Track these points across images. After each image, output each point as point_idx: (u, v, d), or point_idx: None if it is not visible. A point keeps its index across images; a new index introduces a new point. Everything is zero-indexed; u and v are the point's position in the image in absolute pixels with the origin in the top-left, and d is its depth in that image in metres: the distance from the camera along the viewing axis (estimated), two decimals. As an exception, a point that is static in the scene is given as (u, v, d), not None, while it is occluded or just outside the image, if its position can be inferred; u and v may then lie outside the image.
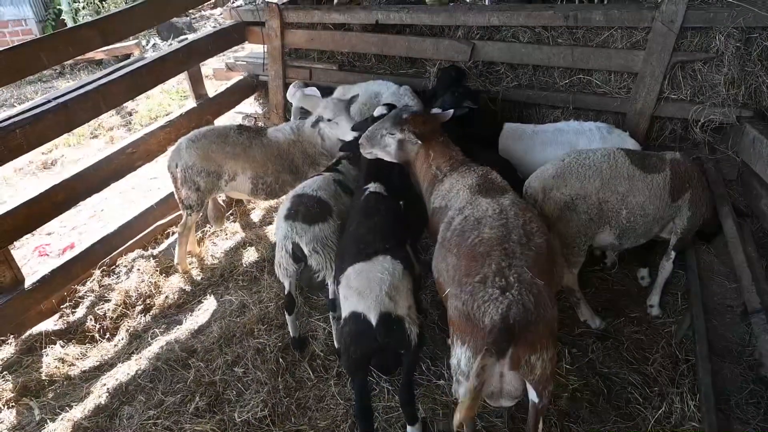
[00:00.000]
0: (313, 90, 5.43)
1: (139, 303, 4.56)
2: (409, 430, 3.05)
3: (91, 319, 4.39)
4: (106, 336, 4.34)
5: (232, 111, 6.87)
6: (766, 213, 3.99)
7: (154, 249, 5.23)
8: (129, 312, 4.49)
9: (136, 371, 3.86)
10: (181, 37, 11.35)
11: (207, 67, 8.67)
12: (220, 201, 5.37)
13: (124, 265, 4.92)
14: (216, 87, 7.03)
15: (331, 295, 3.60)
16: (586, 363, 3.52)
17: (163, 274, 4.89)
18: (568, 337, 3.70)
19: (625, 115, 4.85)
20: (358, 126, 4.24)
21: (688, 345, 3.52)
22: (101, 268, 4.86)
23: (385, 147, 3.46)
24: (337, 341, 3.74)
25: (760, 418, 2.95)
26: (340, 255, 3.18)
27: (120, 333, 4.34)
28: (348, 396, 3.45)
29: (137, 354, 4.05)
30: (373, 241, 2.99)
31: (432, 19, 5.44)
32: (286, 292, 3.67)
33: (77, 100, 4.50)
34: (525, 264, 2.52)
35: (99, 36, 4.75)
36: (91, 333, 4.33)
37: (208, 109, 6.14)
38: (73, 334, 4.35)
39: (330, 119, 4.35)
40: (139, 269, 4.82)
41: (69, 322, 4.45)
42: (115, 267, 4.95)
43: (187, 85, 6.16)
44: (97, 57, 10.87)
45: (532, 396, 2.55)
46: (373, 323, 2.67)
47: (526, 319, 2.36)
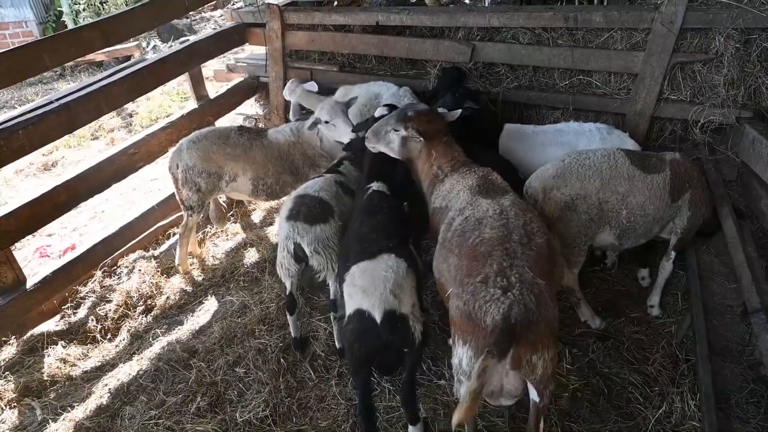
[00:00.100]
0: (312, 85, 5.44)
1: (141, 303, 4.56)
2: (411, 430, 3.06)
3: (93, 320, 4.39)
4: (108, 336, 4.34)
5: (233, 112, 6.88)
6: (765, 213, 4.00)
7: (155, 250, 5.23)
8: (130, 312, 4.50)
9: (138, 371, 3.86)
10: (182, 39, 11.36)
11: (208, 69, 8.69)
12: (220, 202, 5.38)
13: (125, 266, 4.93)
14: (217, 88, 7.04)
15: (332, 296, 3.61)
16: (587, 363, 3.53)
17: (164, 275, 4.90)
18: (568, 337, 3.71)
19: (624, 116, 4.86)
20: (359, 127, 4.26)
21: (688, 345, 3.53)
22: (102, 269, 4.87)
23: (389, 143, 3.48)
24: (338, 341, 3.74)
25: (761, 417, 2.96)
26: (344, 254, 3.20)
27: (121, 333, 4.35)
28: (349, 396, 3.46)
29: (139, 354, 4.06)
30: (377, 239, 3.00)
31: (432, 20, 5.46)
32: (288, 292, 3.68)
33: (79, 101, 4.51)
34: (526, 264, 2.54)
35: (100, 37, 4.76)
36: (93, 333, 4.33)
37: (209, 110, 6.16)
38: (75, 334, 4.36)
39: (327, 121, 4.37)
40: (140, 270, 4.82)
41: (70, 323, 4.45)
42: (116, 268, 4.95)
43: (187, 86, 6.19)
44: (97, 59, 10.88)
45: (534, 395, 2.55)
46: (378, 321, 2.68)
47: (528, 319, 2.37)
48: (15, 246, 4.39)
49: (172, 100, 9.11)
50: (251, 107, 7.24)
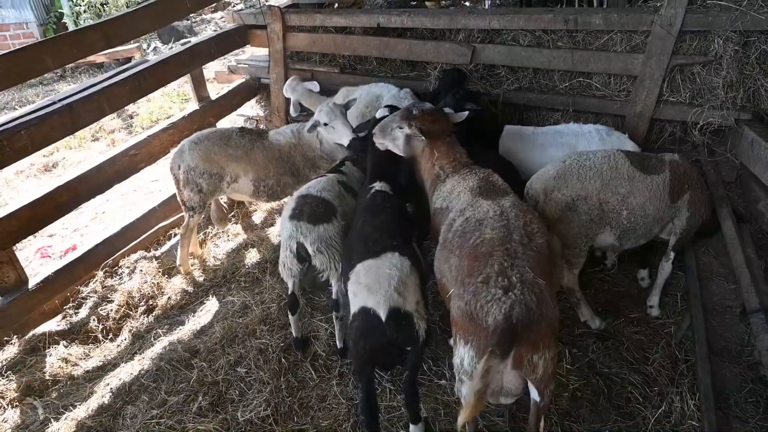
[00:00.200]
0: (314, 85, 5.46)
1: (142, 304, 4.58)
2: (412, 429, 3.07)
3: (94, 320, 4.41)
4: (109, 336, 4.36)
5: (234, 113, 6.90)
6: (764, 214, 4.02)
7: (157, 250, 5.25)
8: (132, 313, 4.51)
9: (140, 371, 3.88)
10: (183, 41, 11.39)
11: (209, 70, 8.71)
12: (221, 203, 5.40)
13: (127, 267, 4.94)
14: (218, 90, 7.07)
15: (334, 295, 3.63)
16: (587, 363, 3.55)
17: (166, 276, 4.92)
18: (568, 337, 3.73)
19: (624, 117, 4.89)
20: (361, 128, 4.29)
21: (687, 345, 3.55)
22: (104, 270, 4.89)
23: (395, 140, 3.52)
24: (339, 341, 3.76)
25: (759, 416, 2.97)
26: (348, 253, 3.21)
27: (123, 333, 4.36)
28: (350, 395, 3.48)
29: (140, 354, 4.07)
30: (381, 238, 3.02)
31: (433, 22, 5.48)
32: (290, 292, 3.70)
33: (81, 102, 4.53)
34: (527, 264, 2.55)
35: (102, 39, 4.78)
36: (94, 333, 4.34)
37: (210, 111, 6.18)
38: (77, 334, 4.37)
39: (326, 123, 4.39)
40: (141, 270, 4.84)
41: (72, 323, 4.46)
42: (117, 268, 4.97)
43: (187, 87, 6.21)
44: (98, 60, 10.90)
45: (534, 395, 2.57)
46: (383, 318, 2.69)
47: (529, 319, 2.39)
48: (16, 246, 4.40)
49: (172, 102, 9.12)
50: (252, 108, 7.27)
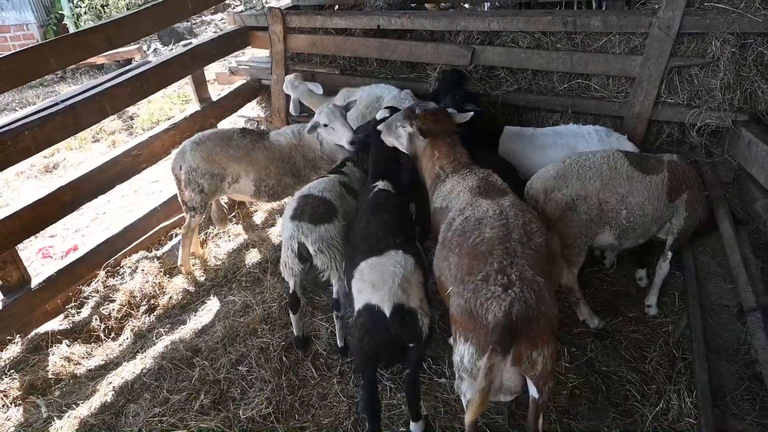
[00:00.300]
0: (317, 86, 5.49)
1: (144, 303, 4.61)
2: (413, 426, 3.10)
3: (96, 319, 4.44)
4: (111, 336, 4.39)
5: (235, 114, 6.94)
6: (761, 214, 4.06)
7: (158, 250, 5.28)
8: (133, 312, 4.54)
9: (142, 370, 3.90)
10: (184, 42, 11.42)
11: (210, 72, 8.75)
12: (222, 203, 5.43)
13: (128, 266, 4.98)
14: (219, 91, 7.10)
15: (334, 295, 3.65)
16: (585, 361, 3.58)
17: (167, 275, 4.95)
18: (567, 336, 3.76)
19: (623, 118, 4.92)
20: (361, 129, 4.34)
21: (685, 344, 3.58)
22: (106, 269, 4.92)
23: (398, 138, 3.59)
24: (339, 340, 3.79)
25: (756, 413, 3.00)
26: (351, 251, 3.24)
27: (125, 333, 4.39)
28: (350, 394, 3.51)
29: (142, 353, 4.10)
30: (384, 236, 3.05)
31: (433, 24, 5.52)
32: (291, 291, 3.73)
33: (84, 103, 4.57)
34: (526, 262, 2.58)
35: (105, 40, 4.82)
36: (97, 333, 4.38)
37: (211, 112, 6.21)
38: (79, 333, 4.40)
39: (326, 125, 4.42)
40: (143, 270, 4.88)
41: (74, 322, 4.49)
42: (119, 268, 5.01)
43: (188, 89, 6.24)
44: (98, 62, 10.92)
45: (533, 392, 2.60)
46: (387, 314, 2.72)
47: (528, 316, 2.42)
48: (18, 247, 4.42)
49: (173, 103, 9.16)
50: (253, 110, 7.30)
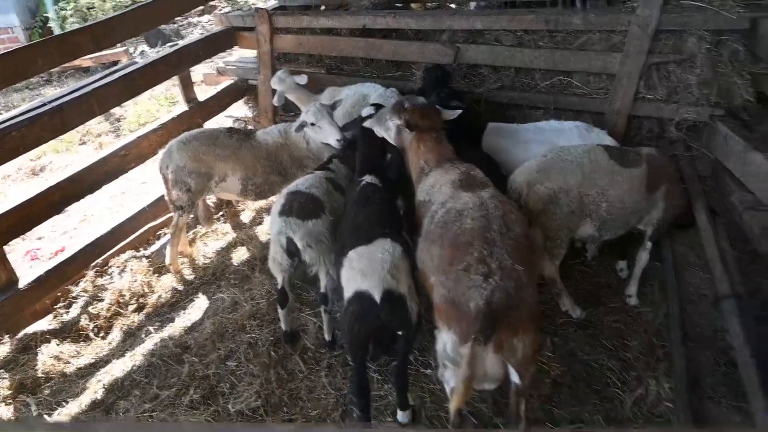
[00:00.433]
0: (302, 78, 5.53)
1: (133, 302, 4.63)
2: (400, 416, 3.16)
3: (85, 318, 4.46)
4: (101, 334, 4.41)
5: (222, 115, 6.97)
6: (737, 207, 4.16)
7: (147, 250, 5.30)
8: (122, 311, 4.56)
9: (131, 367, 3.94)
10: (171, 44, 11.42)
11: (197, 73, 8.77)
12: (208, 202, 5.46)
13: (117, 266, 4.99)
14: (207, 92, 7.12)
15: (322, 289, 3.71)
16: (568, 351, 3.66)
17: (156, 274, 4.97)
18: (550, 327, 3.84)
19: (604, 114, 5.02)
20: (348, 126, 4.40)
21: (664, 332, 3.67)
22: (94, 269, 4.93)
23: (388, 130, 3.68)
24: (327, 334, 3.84)
25: (731, 397, 3.10)
26: (340, 242, 3.30)
27: (114, 331, 4.41)
28: (338, 386, 3.57)
29: (131, 351, 4.13)
30: (372, 227, 3.13)
31: (418, 23, 5.60)
32: (279, 286, 3.78)
33: (71, 104, 4.59)
34: (505, 252, 2.66)
35: (91, 41, 4.84)
36: (86, 332, 4.39)
37: (199, 112, 6.24)
38: (68, 333, 4.41)
39: (313, 123, 4.48)
40: (131, 269, 4.90)
41: (63, 322, 4.50)
42: (107, 268, 5.01)
43: (175, 90, 6.25)
44: (84, 64, 10.89)
45: (515, 378, 2.66)
46: (377, 300, 2.78)
47: (508, 304, 2.49)
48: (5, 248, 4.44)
49: (160, 105, 9.16)
50: (240, 110, 7.33)
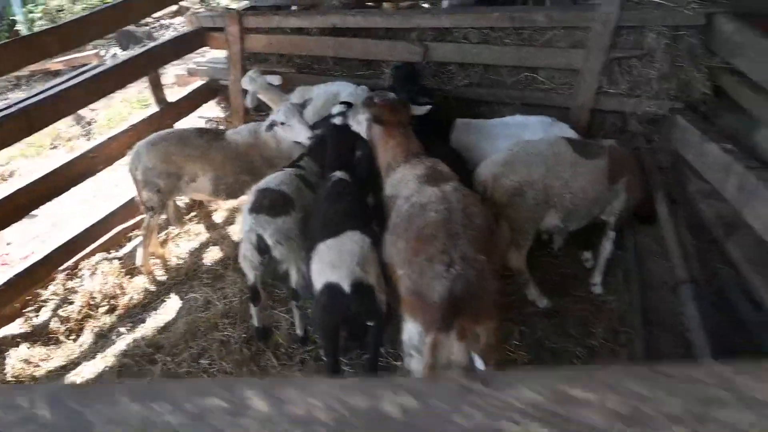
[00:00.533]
0: (276, 78, 5.55)
1: (104, 304, 4.60)
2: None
3: (56, 321, 4.42)
4: (71, 337, 4.37)
5: (195, 115, 6.94)
6: (695, 197, 4.30)
7: (118, 252, 5.27)
8: (93, 313, 4.54)
9: (103, 368, 3.93)
10: (141, 45, 11.32)
11: (169, 75, 8.73)
12: (178, 203, 5.44)
13: (87, 269, 4.96)
14: (179, 94, 7.07)
15: (293, 285, 3.75)
16: (535, 340, 3.75)
17: (128, 276, 4.95)
18: (518, 317, 3.93)
19: (569, 109, 5.13)
20: (318, 125, 4.44)
21: (627, 318, 3.79)
22: (65, 272, 4.89)
23: (359, 123, 3.72)
24: (299, 329, 3.88)
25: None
26: (311, 237, 3.34)
27: (85, 333, 4.38)
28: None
29: (102, 352, 4.11)
30: (341, 221, 3.17)
31: (386, 22, 5.66)
32: (251, 283, 3.80)
33: (37, 105, 4.52)
34: (467, 243, 2.73)
35: (57, 42, 4.78)
36: (56, 335, 4.35)
37: (169, 113, 6.20)
38: (38, 336, 4.37)
39: (283, 123, 4.51)
40: (103, 272, 4.87)
41: (33, 325, 4.46)
42: (78, 270, 4.97)
43: (148, 93, 6.21)
44: (54, 68, 10.74)
45: (479, 365, 2.73)
46: (347, 290, 2.83)
47: (470, 293, 2.56)
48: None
49: (133, 107, 9.08)
50: (212, 110, 7.31)
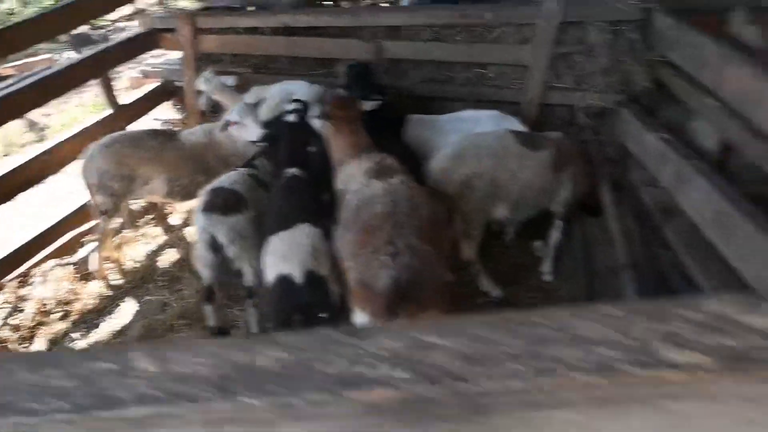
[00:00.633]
0: (230, 79, 5.54)
1: (57, 310, 4.53)
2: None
3: (7, 329, 4.33)
4: (24, 345, 4.29)
5: (149, 117, 6.85)
6: (638, 185, 4.46)
7: (71, 257, 5.18)
8: (46, 320, 4.46)
9: (56, 375, 3.85)
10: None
11: (123, 78, 8.59)
12: (130, 207, 5.38)
13: (39, 275, 4.86)
14: (133, 96, 6.99)
15: (248, 283, 3.76)
16: (488, 329, 3.84)
17: (82, 281, 4.87)
18: (471, 307, 4.02)
19: (519, 104, 5.26)
20: (271, 123, 4.46)
21: (575, 303, 3.91)
22: (16, 279, 4.78)
23: (314, 122, 3.78)
24: (255, 326, 3.89)
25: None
26: (264, 232, 3.35)
27: (38, 341, 4.30)
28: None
29: (56, 359, 4.04)
30: (293, 214, 3.21)
31: (337, 20, 5.70)
32: (206, 283, 3.80)
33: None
34: (413, 233, 2.80)
35: (4, 46, 4.69)
36: (7, 343, 4.26)
37: (123, 115, 6.10)
38: (-12, 346, 4.29)
39: (237, 122, 4.51)
40: (56, 278, 4.78)
41: (-17, 336, 4.36)
42: (29, 278, 4.87)
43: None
44: (4, 73, 10.45)
45: (428, 353, 2.81)
46: (298, 280, 2.87)
47: (416, 281, 2.63)
48: None
49: (90, 112, 8.89)
50: (167, 112, 7.23)
